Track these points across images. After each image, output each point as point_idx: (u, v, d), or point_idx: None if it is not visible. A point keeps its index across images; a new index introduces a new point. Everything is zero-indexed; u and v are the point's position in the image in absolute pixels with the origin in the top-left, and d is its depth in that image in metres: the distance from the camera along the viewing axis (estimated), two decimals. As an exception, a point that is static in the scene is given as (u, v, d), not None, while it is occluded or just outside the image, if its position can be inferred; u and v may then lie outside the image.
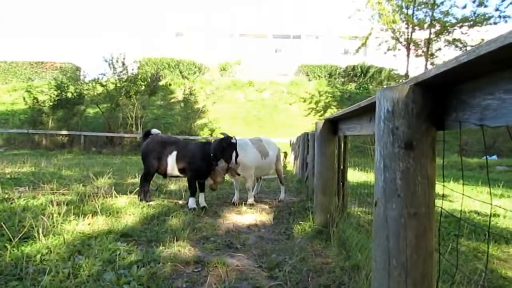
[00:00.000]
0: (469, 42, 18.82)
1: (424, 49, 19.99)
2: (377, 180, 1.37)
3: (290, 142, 13.74)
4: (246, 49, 29.65)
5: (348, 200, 3.98)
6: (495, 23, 17.98)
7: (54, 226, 3.21)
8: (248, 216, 4.56)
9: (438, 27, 19.18)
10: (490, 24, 17.99)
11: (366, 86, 26.03)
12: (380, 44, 21.04)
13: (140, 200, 4.75)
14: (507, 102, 0.96)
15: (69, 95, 18.43)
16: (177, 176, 5.08)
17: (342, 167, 3.78)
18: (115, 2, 53.13)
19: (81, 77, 22.35)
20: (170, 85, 23.97)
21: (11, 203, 4.09)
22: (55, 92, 18.17)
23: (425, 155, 1.27)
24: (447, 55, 19.36)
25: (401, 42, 20.30)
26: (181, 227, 3.66)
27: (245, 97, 25.00)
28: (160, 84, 20.79)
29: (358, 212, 3.94)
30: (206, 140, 5.04)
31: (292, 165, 11.03)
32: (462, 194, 1.34)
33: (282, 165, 11.65)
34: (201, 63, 27.26)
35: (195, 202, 4.73)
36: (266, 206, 5.19)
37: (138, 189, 4.98)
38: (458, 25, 18.66)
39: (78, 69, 26.91)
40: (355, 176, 6.49)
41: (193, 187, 4.75)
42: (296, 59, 29.16)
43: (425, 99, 1.29)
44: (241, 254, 3.04)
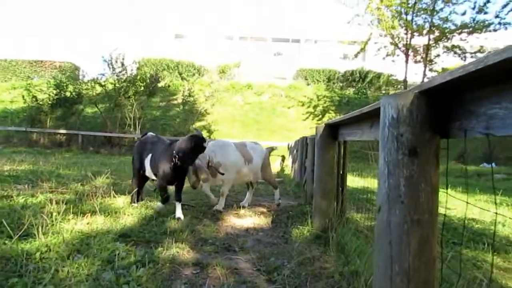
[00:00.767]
0: (468, 49, 18.89)
1: (423, 55, 20.04)
2: (381, 186, 1.39)
3: (288, 146, 13.76)
4: (245, 52, 29.70)
5: (347, 206, 3.99)
6: (495, 30, 18.01)
7: (53, 225, 3.20)
8: (247, 219, 4.56)
9: (437, 33, 19.23)
10: (490, 31, 18.03)
11: (365, 91, 26.10)
12: (379, 50, 21.10)
13: (130, 202, 4.62)
14: (514, 112, 0.98)
15: (68, 94, 18.44)
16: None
17: (342, 172, 3.79)
18: (116, 2, 53.16)
19: (80, 77, 22.37)
20: (169, 86, 23.97)
21: (10, 201, 4.09)
22: (54, 91, 18.18)
23: (429, 162, 1.29)
24: (446, 62, 19.44)
25: (400, 48, 20.36)
26: (180, 229, 3.65)
27: (244, 100, 25.01)
28: (159, 85, 20.79)
29: (357, 218, 3.95)
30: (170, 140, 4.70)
31: (290, 169, 11.04)
32: (466, 203, 1.36)
33: (280, 169, 11.67)
34: (200, 65, 27.28)
35: (164, 207, 4.39)
36: (264, 210, 5.19)
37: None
38: (457, 32, 18.69)
39: (77, 69, 26.92)
40: (354, 182, 6.50)
41: (162, 193, 4.37)
42: (295, 63, 29.24)
43: (430, 107, 1.30)
44: (240, 257, 3.04)
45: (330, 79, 27.39)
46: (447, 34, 18.97)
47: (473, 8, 18.26)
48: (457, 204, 4.96)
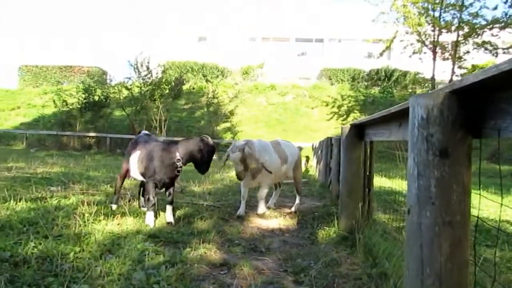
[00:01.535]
0: (500, 45, 18.24)
1: (451, 52, 19.47)
2: (410, 188, 1.37)
3: (313, 147, 13.67)
4: (269, 53, 29.71)
5: (374, 207, 3.93)
6: (529, 25, 17.33)
7: (85, 225, 3.31)
8: (272, 221, 4.57)
9: (467, 30, 18.62)
10: (524, 26, 17.36)
11: (390, 90, 25.63)
12: (405, 47, 20.64)
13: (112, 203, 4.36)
14: (549, 111, 0.95)
15: (96, 98, 18.98)
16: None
17: (368, 173, 3.75)
18: (139, 7, 54.22)
19: (108, 81, 22.94)
20: (194, 89, 24.28)
21: (44, 202, 4.24)
22: (83, 95, 18.77)
23: (461, 163, 1.26)
24: (476, 58, 18.83)
25: (427, 45, 19.86)
26: (207, 230, 3.70)
27: (267, 101, 25.04)
28: (184, 88, 21.09)
29: (384, 219, 3.89)
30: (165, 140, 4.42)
31: (315, 170, 10.97)
32: (501, 204, 1.32)
33: (304, 170, 11.60)
34: (224, 67, 27.49)
35: (153, 219, 3.84)
36: (289, 210, 5.17)
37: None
38: (488, 27, 18.04)
39: (105, 73, 27.67)
40: (380, 182, 6.40)
41: (150, 197, 3.87)
42: (319, 63, 29.01)
43: (461, 107, 1.28)
44: (266, 258, 3.05)
45: (355, 79, 27.05)
46: (477, 30, 18.35)
47: (505, 2, 17.62)
48: (490, 205, 4.81)
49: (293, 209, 5.13)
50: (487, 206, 4.87)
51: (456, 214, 1.24)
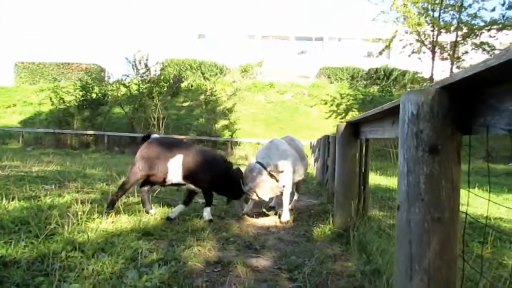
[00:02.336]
0: (498, 46, 18.33)
1: (450, 52, 19.54)
2: (400, 184, 1.36)
3: (311, 145, 13.68)
4: (268, 51, 29.70)
5: (369, 204, 3.93)
6: (526, 27, 17.46)
7: (79, 224, 3.29)
8: (268, 218, 4.56)
9: (465, 30, 18.73)
10: (520, 28, 17.49)
11: (389, 89, 25.66)
12: (404, 47, 20.69)
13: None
14: (537, 107, 0.94)
15: (94, 96, 18.91)
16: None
17: (364, 171, 3.74)
18: (138, 3, 54.11)
19: (106, 78, 22.88)
20: (192, 87, 24.23)
21: (38, 201, 4.21)
22: (80, 93, 18.70)
23: (450, 159, 1.25)
24: (474, 59, 18.87)
25: (426, 45, 19.91)
26: (202, 227, 3.70)
27: (266, 99, 25.02)
28: (182, 86, 21.05)
29: (379, 216, 3.89)
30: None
31: (313, 168, 10.97)
32: (488, 200, 1.32)
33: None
34: (223, 64, 27.46)
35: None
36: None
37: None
38: (486, 28, 18.18)
39: (103, 70, 27.59)
40: (376, 180, 6.40)
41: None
42: (318, 62, 29.02)
43: (451, 103, 1.27)
44: (261, 256, 3.04)
45: (354, 77, 27.05)
46: (476, 31, 18.47)
47: (503, 4, 17.74)
48: (484, 203, 4.81)
49: (290, 206, 5.06)
50: (482, 204, 4.87)
51: (445, 211, 1.23)
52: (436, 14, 18.90)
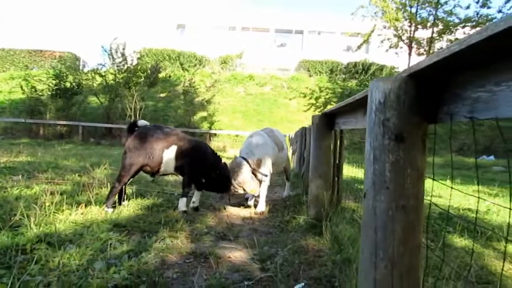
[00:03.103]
0: (472, 43, 18.83)
1: (426, 48, 19.96)
2: (367, 172, 1.36)
3: (289, 137, 13.73)
4: (248, 43, 29.56)
5: (343, 195, 3.97)
6: (498, 25, 17.98)
7: (47, 216, 3.19)
8: (243, 210, 4.56)
9: (441, 27, 19.18)
10: (493, 26, 18.01)
11: (367, 83, 25.94)
12: (383, 42, 21.01)
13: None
14: (498, 95, 0.95)
15: (68, 85, 18.32)
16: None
17: (338, 162, 3.77)
18: (117, -7, 52.79)
19: (81, 67, 22.26)
20: (170, 77, 23.86)
21: (4, 192, 4.06)
22: (54, 82, 18.03)
23: (416, 148, 1.26)
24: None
25: (404, 40, 20.27)
26: (176, 219, 3.65)
27: (245, 91, 24.94)
28: (160, 76, 20.71)
29: (353, 208, 3.93)
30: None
31: (290, 160, 11.01)
32: (451, 188, 1.33)
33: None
34: (202, 56, 27.15)
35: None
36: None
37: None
38: (461, 25, 18.67)
39: (78, 59, 26.83)
40: (353, 173, 6.48)
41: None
42: (298, 55, 29.10)
43: (418, 91, 1.27)
44: (234, 246, 3.03)
45: (333, 71, 27.25)
46: (451, 28, 18.94)
47: (477, 2, 18.18)
48: (454, 195, 4.94)
49: (285, 195, 5.47)
50: (453, 196, 4.99)
51: (410, 199, 1.23)
52: (414, 10, 19.25)
